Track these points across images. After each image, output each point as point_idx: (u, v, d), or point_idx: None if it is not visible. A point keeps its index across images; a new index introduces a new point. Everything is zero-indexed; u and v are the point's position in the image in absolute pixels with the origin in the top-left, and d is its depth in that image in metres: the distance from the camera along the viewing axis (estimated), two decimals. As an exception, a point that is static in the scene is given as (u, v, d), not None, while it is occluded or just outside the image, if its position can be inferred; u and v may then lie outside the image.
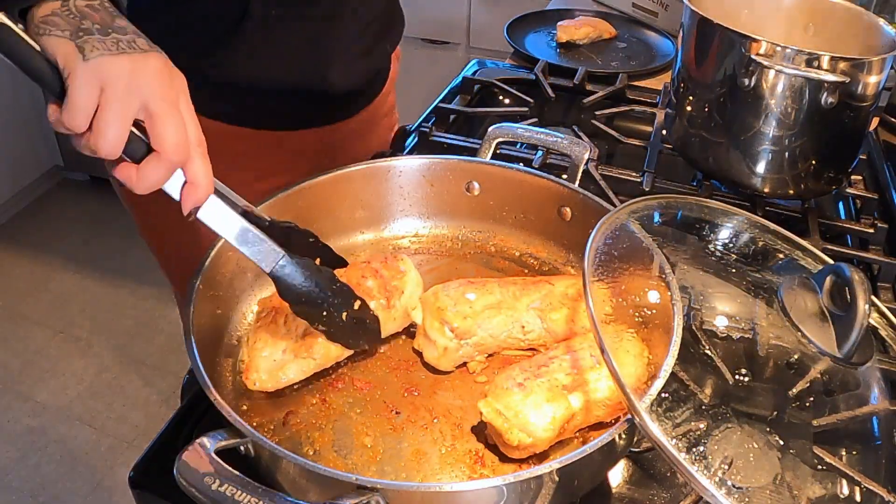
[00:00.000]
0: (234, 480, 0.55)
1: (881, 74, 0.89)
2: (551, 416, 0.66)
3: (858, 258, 0.96)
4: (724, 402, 0.68)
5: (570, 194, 0.88)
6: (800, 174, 0.97)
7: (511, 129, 0.94)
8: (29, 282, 2.60)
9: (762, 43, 0.88)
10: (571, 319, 0.78)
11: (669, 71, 1.41)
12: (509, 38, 1.54)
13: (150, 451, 0.72)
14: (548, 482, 0.59)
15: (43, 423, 2.13)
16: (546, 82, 1.33)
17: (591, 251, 0.68)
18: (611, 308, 0.71)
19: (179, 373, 2.22)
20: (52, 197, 2.98)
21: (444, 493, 0.58)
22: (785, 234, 0.78)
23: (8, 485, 1.96)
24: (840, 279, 0.67)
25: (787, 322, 0.70)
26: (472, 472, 0.68)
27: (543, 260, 0.92)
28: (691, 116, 1.02)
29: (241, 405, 0.73)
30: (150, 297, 2.55)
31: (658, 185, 1.05)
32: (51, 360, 2.32)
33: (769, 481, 0.63)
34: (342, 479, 0.57)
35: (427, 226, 0.95)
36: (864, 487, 0.63)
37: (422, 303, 0.78)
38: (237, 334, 0.80)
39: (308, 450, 0.69)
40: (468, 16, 2.39)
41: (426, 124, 1.16)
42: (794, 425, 0.68)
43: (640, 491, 0.71)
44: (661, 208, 0.79)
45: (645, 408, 0.57)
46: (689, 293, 0.74)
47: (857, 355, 0.66)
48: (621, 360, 0.68)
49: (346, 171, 0.89)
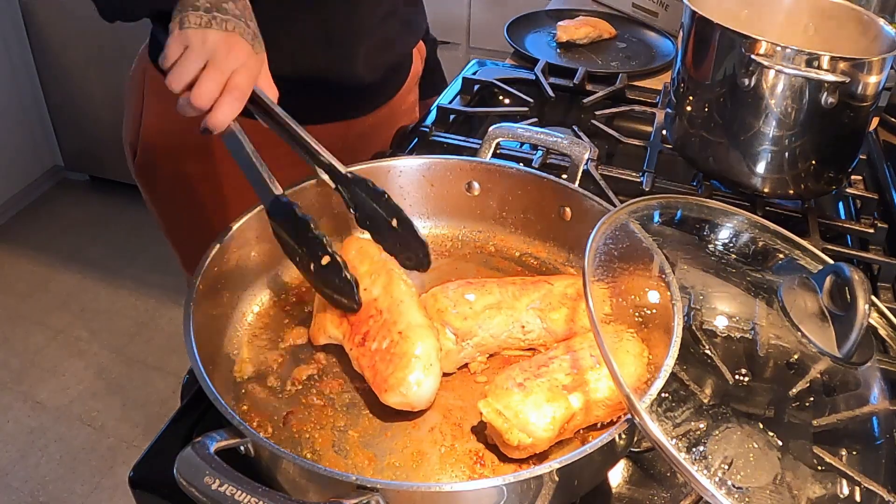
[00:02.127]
0: (234, 480, 0.55)
1: (881, 74, 0.89)
2: (551, 416, 0.66)
3: (858, 258, 0.96)
4: (724, 402, 0.68)
5: (570, 194, 0.88)
6: (800, 174, 0.97)
7: (511, 129, 0.94)
8: (29, 282, 2.60)
9: (762, 43, 0.88)
10: (571, 319, 0.78)
11: (669, 71, 1.42)
12: (509, 38, 1.54)
13: (150, 451, 0.72)
14: (548, 482, 0.59)
15: (43, 423, 2.13)
16: (546, 82, 1.33)
17: (591, 251, 0.68)
18: (611, 308, 0.71)
19: (179, 373, 2.22)
20: (52, 197, 2.98)
21: (444, 493, 0.58)
22: (785, 234, 0.78)
23: (8, 485, 1.96)
24: (840, 279, 0.67)
25: (787, 322, 0.70)
26: (472, 472, 0.68)
27: (543, 260, 0.92)
28: (691, 116, 1.02)
29: (241, 405, 0.73)
30: (150, 297, 2.55)
31: (658, 185, 1.05)
32: (51, 360, 2.32)
33: (769, 481, 0.63)
34: (342, 479, 0.57)
35: (427, 226, 0.95)
36: (864, 487, 0.63)
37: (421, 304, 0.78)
38: (237, 334, 0.80)
39: (308, 450, 0.69)
40: (468, 16, 2.38)
41: (426, 124, 1.16)
42: (794, 425, 0.68)
43: (640, 491, 0.71)
44: (661, 208, 0.79)
45: (645, 408, 0.57)
46: (689, 293, 0.74)
47: (857, 355, 0.66)
48: (621, 360, 0.68)
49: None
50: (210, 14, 0.75)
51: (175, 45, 0.75)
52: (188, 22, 0.74)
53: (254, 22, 0.79)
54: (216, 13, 0.75)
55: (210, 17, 0.75)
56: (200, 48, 0.74)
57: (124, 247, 2.73)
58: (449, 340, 0.75)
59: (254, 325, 0.82)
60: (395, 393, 0.69)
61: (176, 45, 0.75)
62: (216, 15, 0.75)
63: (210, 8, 0.75)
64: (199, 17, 0.75)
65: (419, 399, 0.70)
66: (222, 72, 0.74)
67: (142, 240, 2.73)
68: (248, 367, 0.77)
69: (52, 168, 2.98)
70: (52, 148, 2.92)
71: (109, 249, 2.73)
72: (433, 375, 0.70)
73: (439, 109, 1.22)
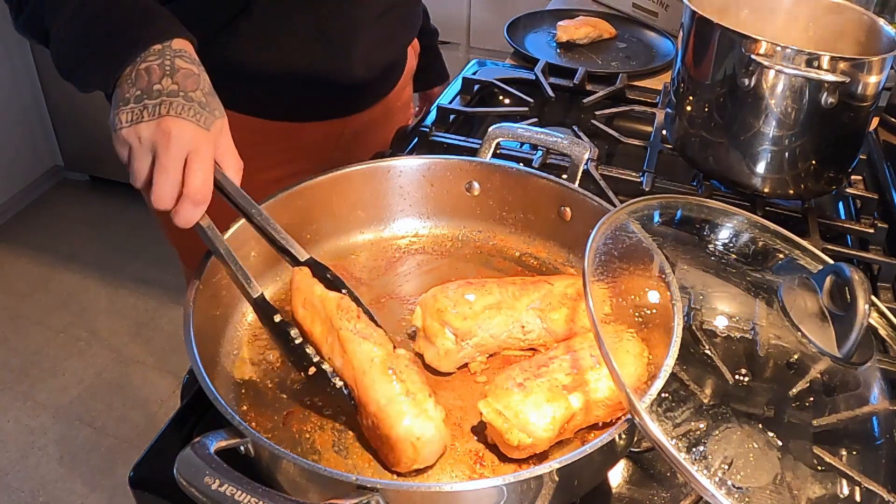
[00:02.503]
0: (234, 480, 0.55)
1: (881, 74, 0.89)
2: (551, 416, 0.66)
3: (858, 258, 0.96)
4: (724, 402, 0.68)
5: (570, 194, 0.88)
6: (800, 174, 0.97)
7: (511, 129, 0.94)
8: (29, 282, 2.60)
9: (762, 43, 0.88)
10: (571, 319, 0.78)
11: (669, 71, 1.41)
12: (509, 38, 1.54)
13: (150, 451, 0.72)
14: (548, 482, 0.59)
15: (43, 423, 2.13)
16: (546, 82, 1.33)
17: (591, 251, 0.68)
18: (611, 308, 0.71)
19: (179, 373, 2.23)
20: (52, 197, 2.98)
21: (444, 493, 0.58)
22: (785, 234, 0.78)
23: (8, 485, 1.96)
24: (840, 279, 0.67)
25: (787, 322, 0.70)
26: (472, 472, 0.68)
27: (543, 260, 0.92)
28: (691, 116, 1.02)
29: (241, 405, 0.73)
30: (150, 297, 2.55)
31: (658, 185, 1.05)
32: (51, 360, 2.32)
33: (769, 481, 0.63)
34: (342, 479, 0.57)
35: (427, 226, 0.95)
36: (864, 487, 0.63)
37: (421, 305, 0.78)
38: (237, 334, 0.80)
39: (308, 450, 0.69)
40: (468, 16, 2.39)
41: (426, 124, 1.16)
42: (794, 425, 0.68)
43: (640, 491, 0.71)
44: (661, 208, 0.79)
45: (645, 408, 0.57)
46: (689, 293, 0.74)
47: (857, 355, 0.66)
48: (621, 360, 0.68)
49: (346, 171, 0.89)
50: (140, 104, 0.70)
51: (119, 148, 0.71)
52: (119, 122, 0.70)
53: (202, 88, 0.72)
54: (146, 100, 0.70)
55: (140, 107, 0.69)
56: (139, 148, 0.70)
57: (124, 247, 2.73)
58: (449, 340, 0.75)
59: (254, 325, 0.82)
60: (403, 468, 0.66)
61: (120, 148, 0.71)
62: (147, 103, 0.69)
63: (140, 96, 0.70)
64: (129, 113, 0.70)
65: (428, 459, 0.66)
66: (170, 169, 0.69)
67: (142, 240, 2.73)
68: (248, 367, 0.77)
69: (52, 168, 2.98)
70: (52, 148, 2.92)
71: (109, 249, 2.73)
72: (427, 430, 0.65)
73: (439, 109, 1.22)
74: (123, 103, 0.70)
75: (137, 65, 0.71)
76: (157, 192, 0.69)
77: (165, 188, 0.69)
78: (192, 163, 0.69)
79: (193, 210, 0.70)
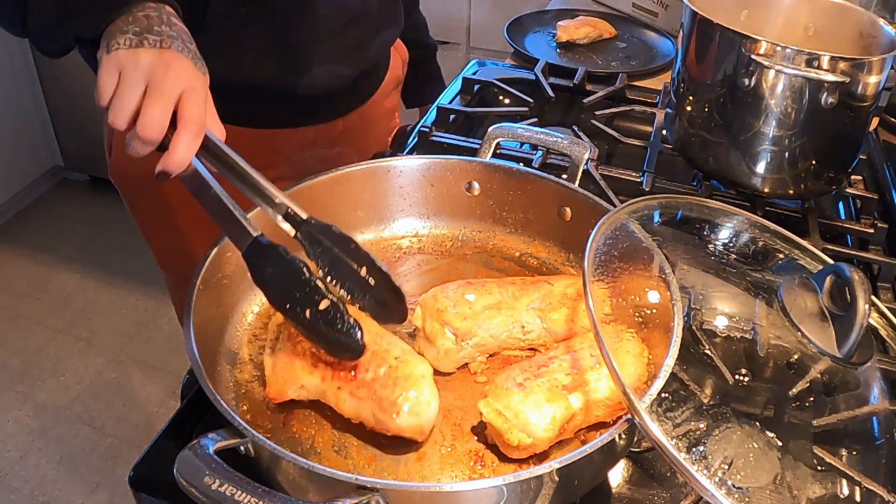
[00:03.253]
0: (233, 480, 0.55)
1: (881, 74, 0.89)
2: (551, 416, 0.66)
3: (858, 258, 0.96)
4: (724, 402, 0.68)
5: (570, 194, 0.88)
6: (800, 174, 0.97)
7: (511, 129, 0.94)
8: (29, 282, 2.60)
9: (762, 43, 0.88)
10: (571, 319, 0.78)
11: (669, 71, 1.41)
12: (509, 38, 1.54)
13: (150, 451, 0.72)
14: (548, 482, 0.59)
15: (43, 423, 2.13)
16: (546, 82, 1.33)
17: (591, 251, 0.68)
18: (611, 308, 0.71)
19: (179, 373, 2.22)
20: (52, 197, 2.98)
21: (444, 493, 0.58)
22: (785, 234, 0.78)
23: (8, 485, 1.96)
24: (840, 279, 0.67)
25: (787, 322, 0.70)
26: (472, 472, 0.68)
27: (543, 260, 0.92)
28: (691, 116, 1.02)
29: (240, 405, 0.73)
30: (150, 297, 2.55)
31: (658, 185, 1.05)
32: (51, 360, 2.33)
33: (769, 481, 0.63)
34: (342, 479, 0.57)
35: (427, 226, 0.95)
36: (864, 487, 0.63)
37: (421, 305, 0.78)
38: (237, 334, 0.80)
39: (308, 450, 0.69)
40: (468, 16, 2.39)
41: (426, 124, 1.16)
42: (794, 425, 0.68)
43: (640, 491, 0.71)
44: (661, 208, 0.79)
45: (645, 408, 0.58)
46: (689, 293, 0.74)
47: (857, 355, 0.66)
48: (621, 360, 0.68)
49: (345, 171, 0.89)
50: (140, 37, 0.69)
51: (107, 74, 0.68)
52: (117, 45, 0.68)
53: (193, 44, 0.73)
54: (147, 35, 0.69)
55: (140, 38, 0.69)
56: (134, 71, 0.67)
57: (124, 247, 2.73)
58: (449, 340, 0.75)
59: (254, 325, 0.82)
60: (410, 414, 0.66)
61: (108, 73, 0.68)
62: (147, 37, 0.69)
63: (140, 32, 0.69)
64: (129, 40, 0.68)
65: (429, 418, 0.68)
66: (166, 96, 0.67)
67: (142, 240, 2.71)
68: (248, 367, 0.77)
69: (52, 168, 2.98)
70: (52, 148, 2.92)
71: (110, 249, 2.73)
72: (436, 398, 0.68)
73: (439, 109, 1.22)
74: (122, 33, 0.69)
75: (135, 13, 0.71)
76: (146, 119, 0.66)
77: (156, 113, 0.66)
78: (188, 97, 0.68)
79: (190, 142, 0.68)
